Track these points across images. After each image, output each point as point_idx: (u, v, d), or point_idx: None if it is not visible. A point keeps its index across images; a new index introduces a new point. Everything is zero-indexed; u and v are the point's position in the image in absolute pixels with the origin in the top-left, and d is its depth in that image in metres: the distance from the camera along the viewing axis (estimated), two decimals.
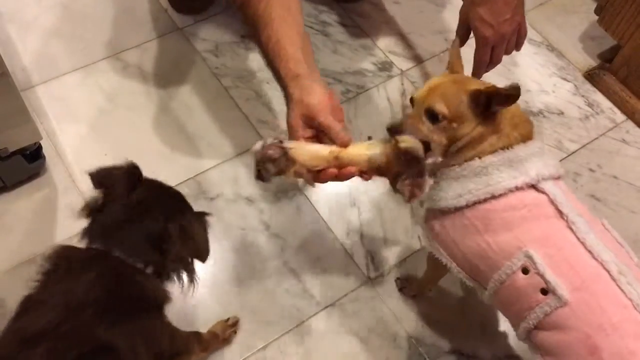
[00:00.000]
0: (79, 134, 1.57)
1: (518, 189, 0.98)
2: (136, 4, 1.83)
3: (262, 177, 0.97)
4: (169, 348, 1.01)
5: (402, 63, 1.79)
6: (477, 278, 1.06)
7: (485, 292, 1.04)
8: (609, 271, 0.91)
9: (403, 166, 0.95)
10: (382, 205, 1.51)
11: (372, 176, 0.99)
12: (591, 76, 1.80)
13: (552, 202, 0.97)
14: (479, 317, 1.37)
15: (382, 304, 1.37)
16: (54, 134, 1.56)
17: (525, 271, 0.96)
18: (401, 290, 1.38)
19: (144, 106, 1.63)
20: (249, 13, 1.14)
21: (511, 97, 0.95)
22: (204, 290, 1.33)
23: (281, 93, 1.09)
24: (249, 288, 1.38)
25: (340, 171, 0.98)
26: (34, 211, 1.45)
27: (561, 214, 0.96)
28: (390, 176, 0.98)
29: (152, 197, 0.99)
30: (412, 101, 1.04)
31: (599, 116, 1.73)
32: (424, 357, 1.31)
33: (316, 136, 1.02)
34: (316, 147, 0.98)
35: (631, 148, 1.67)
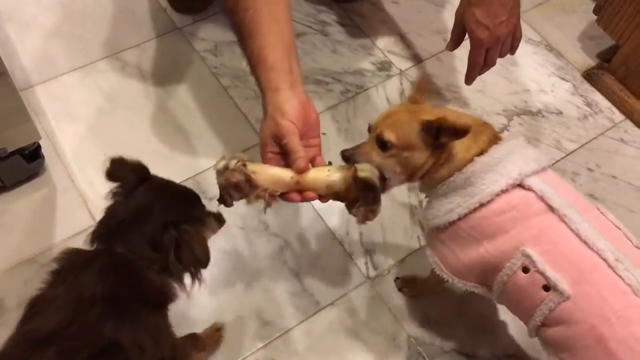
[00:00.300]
0: (78, 134, 1.57)
1: (504, 191, 0.99)
2: (135, 3, 1.83)
3: (226, 202, 0.99)
4: (168, 353, 1.01)
5: (401, 63, 1.79)
6: (487, 283, 1.07)
7: (494, 295, 1.06)
8: (605, 259, 0.93)
9: (360, 193, 0.97)
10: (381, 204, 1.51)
11: (330, 199, 1.01)
12: (590, 76, 1.80)
13: (541, 198, 0.98)
14: (478, 316, 1.37)
15: (381, 303, 1.38)
16: (53, 133, 1.56)
17: (526, 270, 0.97)
18: (401, 289, 1.39)
19: (143, 106, 1.63)
20: (236, 20, 1.12)
21: (459, 132, 0.95)
22: (203, 290, 1.32)
23: None
24: (248, 288, 1.38)
25: (301, 195, 0.99)
26: (33, 211, 1.45)
27: (551, 208, 0.97)
28: (347, 201, 1.00)
29: (155, 199, 0.99)
30: (369, 129, 1.06)
31: (598, 116, 1.73)
32: (424, 357, 1.32)
33: (283, 153, 1.02)
34: (278, 172, 0.99)
35: (630, 147, 1.68)
